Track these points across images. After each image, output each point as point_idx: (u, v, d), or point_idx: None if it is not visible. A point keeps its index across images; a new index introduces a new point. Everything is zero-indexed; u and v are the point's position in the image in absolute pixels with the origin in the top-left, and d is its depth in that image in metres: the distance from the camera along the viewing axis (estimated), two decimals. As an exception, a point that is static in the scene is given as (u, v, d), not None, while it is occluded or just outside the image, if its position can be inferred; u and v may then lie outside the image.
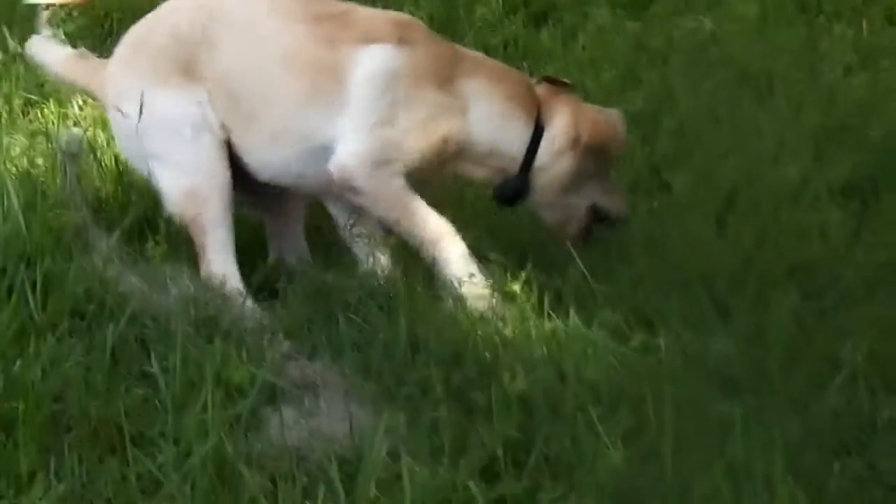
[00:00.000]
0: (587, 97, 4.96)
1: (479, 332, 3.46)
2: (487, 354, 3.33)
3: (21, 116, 5.21)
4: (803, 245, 4.05)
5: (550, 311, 3.60)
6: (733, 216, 4.23)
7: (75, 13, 5.87)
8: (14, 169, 4.53)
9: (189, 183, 4.01)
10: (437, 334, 3.39)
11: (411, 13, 5.62)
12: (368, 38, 3.92)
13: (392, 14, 4.27)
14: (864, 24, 5.85)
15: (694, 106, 4.94)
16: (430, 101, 3.89)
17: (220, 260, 3.98)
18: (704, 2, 5.88)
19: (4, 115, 5.20)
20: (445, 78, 3.92)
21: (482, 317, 3.60)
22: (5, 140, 4.77)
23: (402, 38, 3.94)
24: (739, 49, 5.42)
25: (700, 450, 2.95)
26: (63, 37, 5.43)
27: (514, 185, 3.99)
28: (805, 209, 4.26)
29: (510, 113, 3.96)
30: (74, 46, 5.24)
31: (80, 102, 5.28)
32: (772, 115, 4.84)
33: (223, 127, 4.03)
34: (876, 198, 4.33)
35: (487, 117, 3.93)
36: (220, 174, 4.02)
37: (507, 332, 3.49)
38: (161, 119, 4.03)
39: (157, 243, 3.99)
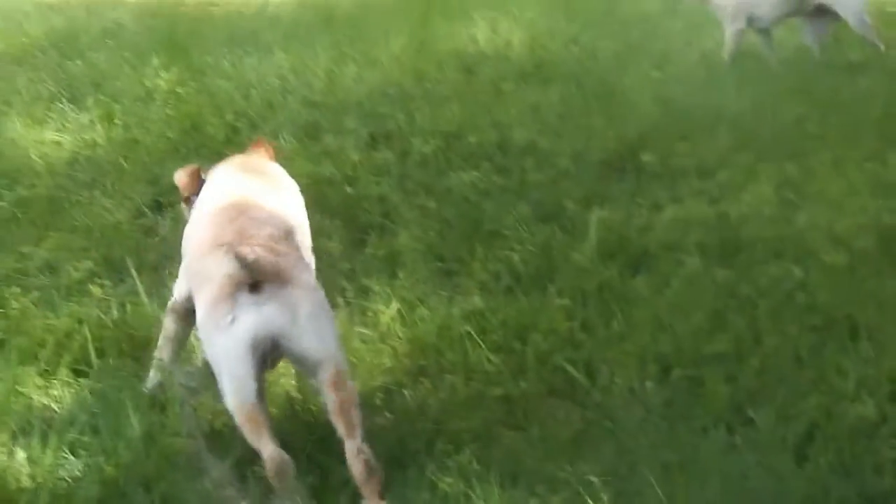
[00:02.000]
0: (676, 339, 5.23)
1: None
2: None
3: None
4: (879, 477, 4.19)
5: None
6: (812, 449, 4.41)
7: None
8: (137, 402, 4.87)
9: None
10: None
11: (508, 258, 6.02)
12: None
13: None
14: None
15: (779, 348, 5.13)
16: None
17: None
18: (793, 251, 6.08)
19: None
20: None
21: None
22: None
23: None
24: (827, 296, 5.60)
25: None
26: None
27: None
28: (882, 444, 4.41)
29: None
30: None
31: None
32: (854, 358, 5.02)
33: None
34: (954, 437, 4.46)
35: None
36: None
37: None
38: None
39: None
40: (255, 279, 4.29)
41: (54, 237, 6.55)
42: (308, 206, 5.32)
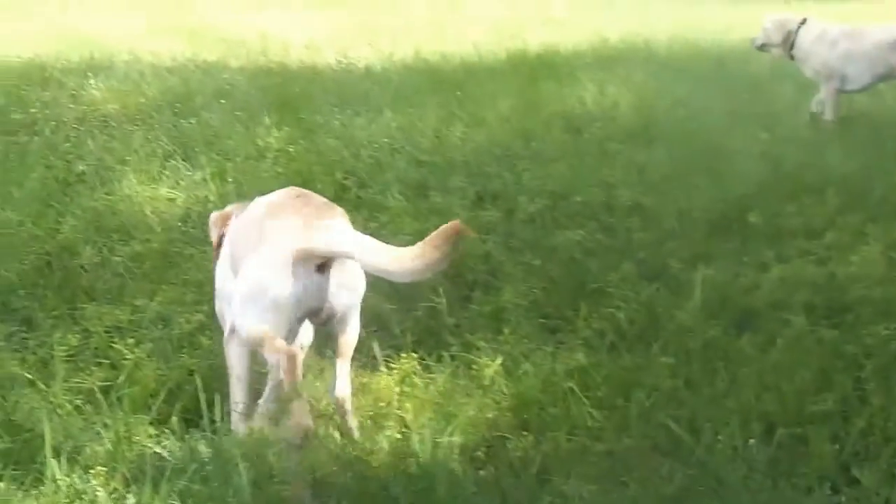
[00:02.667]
0: (780, 398, 5.20)
1: None
2: None
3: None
4: None
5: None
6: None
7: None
8: (244, 451, 4.95)
9: None
10: None
11: (612, 316, 6.05)
12: None
13: None
14: None
15: (885, 407, 5.08)
16: None
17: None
18: (903, 312, 6.04)
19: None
20: None
21: None
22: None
23: None
24: (939, 355, 5.54)
25: None
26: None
27: None
28: None
29: None
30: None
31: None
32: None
33: None
34: None
35: None
36: None
37: None
38: None
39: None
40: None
41: (167, 291, 6.69)
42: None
